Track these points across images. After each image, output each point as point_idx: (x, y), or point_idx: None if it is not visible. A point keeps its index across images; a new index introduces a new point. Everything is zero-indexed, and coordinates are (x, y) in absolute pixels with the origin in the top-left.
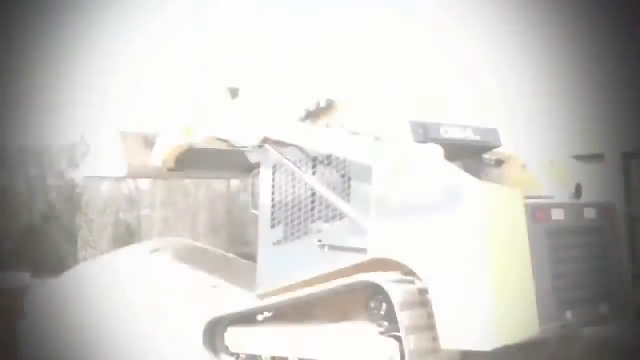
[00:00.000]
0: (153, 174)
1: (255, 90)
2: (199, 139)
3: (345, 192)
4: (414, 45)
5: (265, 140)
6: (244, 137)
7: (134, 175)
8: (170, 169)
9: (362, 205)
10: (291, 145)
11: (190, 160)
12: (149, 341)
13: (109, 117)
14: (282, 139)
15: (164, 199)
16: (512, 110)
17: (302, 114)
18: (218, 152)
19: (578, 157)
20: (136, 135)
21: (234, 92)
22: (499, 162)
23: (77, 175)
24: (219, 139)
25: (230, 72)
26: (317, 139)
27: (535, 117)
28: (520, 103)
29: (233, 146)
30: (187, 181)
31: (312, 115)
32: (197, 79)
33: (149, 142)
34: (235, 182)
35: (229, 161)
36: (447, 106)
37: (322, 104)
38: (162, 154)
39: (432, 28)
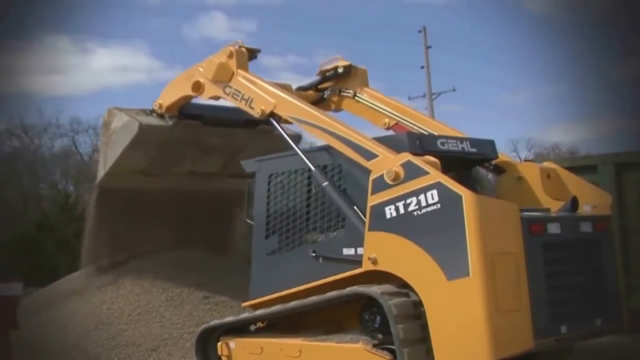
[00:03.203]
0: (161, 124)
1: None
2: (207, 95)
3: (341, 201)
4: None
5: (272, 114)
6: (253, 106)
7: (145, 128)
8: (174, 117)
9: (358, 216)
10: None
11: (193, 112)
12: (143, 349)
13: None
14: (289, 117)
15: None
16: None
17: (318, 76)
18: (219, 108)
19: (571, 169)
20: (130, 109)
21: (252, 53)
22: (497, 170)
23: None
24: (226, 99)
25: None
26: (323, 127)
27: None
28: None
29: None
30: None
31: (328, 79)
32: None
33: (146, 112)
34: (229, 191)
35: (229, 118)
36: None
37: (340, 70)
38: (168, 101)
39: None
